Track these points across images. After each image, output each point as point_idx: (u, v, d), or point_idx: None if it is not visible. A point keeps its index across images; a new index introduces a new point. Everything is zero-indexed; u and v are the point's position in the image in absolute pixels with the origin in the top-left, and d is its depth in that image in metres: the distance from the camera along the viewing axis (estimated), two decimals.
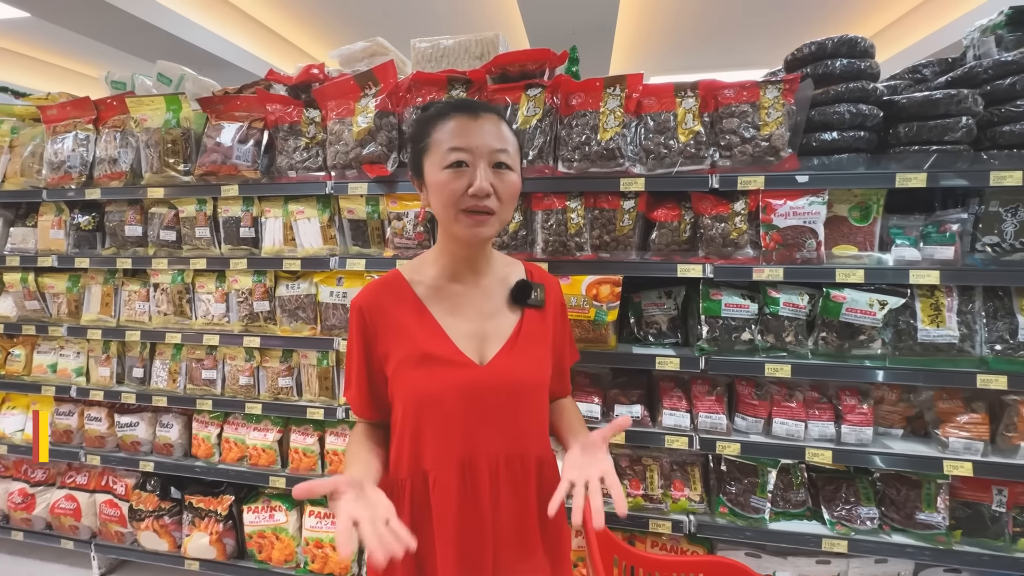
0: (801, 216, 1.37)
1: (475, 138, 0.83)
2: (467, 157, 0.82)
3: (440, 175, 0.83)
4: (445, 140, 0.83)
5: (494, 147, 0.83)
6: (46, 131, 1.95)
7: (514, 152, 0.88)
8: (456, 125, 0.84)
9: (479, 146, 0.82)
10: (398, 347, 0.86)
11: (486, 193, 0.82)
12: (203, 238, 1.79)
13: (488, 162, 0.83)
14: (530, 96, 1.53)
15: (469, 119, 0.84)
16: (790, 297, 1.42)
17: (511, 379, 0.87)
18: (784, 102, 1.37)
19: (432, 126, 0.86)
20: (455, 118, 0.84)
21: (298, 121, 1.72)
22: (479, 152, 0.82)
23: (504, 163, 0.85)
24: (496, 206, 0.84)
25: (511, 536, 0.87)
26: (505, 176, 0.85)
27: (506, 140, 0.86)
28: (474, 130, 0.83)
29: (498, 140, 0.85)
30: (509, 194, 0.86)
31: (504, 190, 0.85)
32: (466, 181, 0.82)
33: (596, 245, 1.54)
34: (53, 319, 2.01)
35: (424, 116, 0.89)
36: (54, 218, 1.95)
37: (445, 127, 0.84)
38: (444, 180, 0.82)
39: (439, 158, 0.83)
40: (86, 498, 2.08)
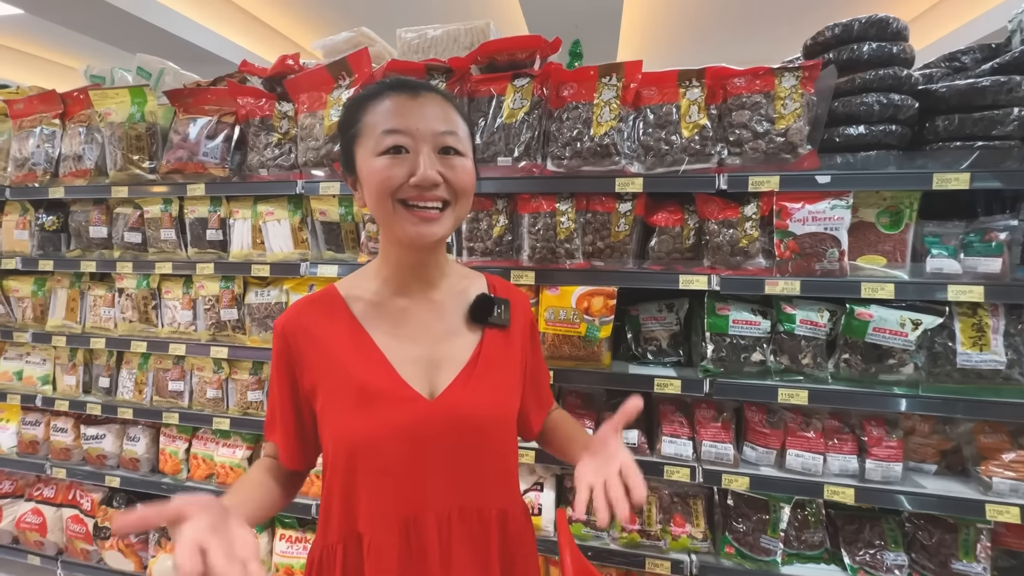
0: (821, 222, 1.20)
1: (415, 119, 0.68)
2: (406, 141, 0.68)
3: (374, 163, 0.68)
4: (379, 122, 0.69)
5: (438, 129, 0.69)
6: (12, 127, 1.86)
7: (465, 136, 0.74)
8: (392, 105, 0.69)
9: (420, 128, 0.68)
10: (327, 379, 0.72)
11: (432, 182, 0.67)
12: (168, 240, 1.67)
13: (433, 146, 0.69)
14: (517, 87, 1.38)
15: (407, 98, 0.70)
16: (808, 314, 1.25)
17: (467, 415, 0.72)
18: (803, 92, 1.20)
19: (363, 109, 0.71)
20: (390, 97, 0.70)
21: (270, 115, 1.59)
22: (421, 135, 0.68)
23: (453, 147, 0.71)
24: (448, 196, 0.70)
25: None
26: (455, 162, 0.71)
27: (454, 122, 0.72)
28: (414, 110, 0.69)
29: (443, 121, 0.70)
30: (462, 184, 0.71)
31: (456, 179, 0.70)
32: (407, 169, 0.67)
33: (589, 252, 1.38)
34: (18, 324, 1.91)
35: (354, 98, 0.75)
36: (19, 218, 1.85)
37: (379, 108, 0.70)
38: (379, 168, 0.67)
39: (372, 144, 0.69)
40: (52, 512, 1.98)
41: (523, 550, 0.80)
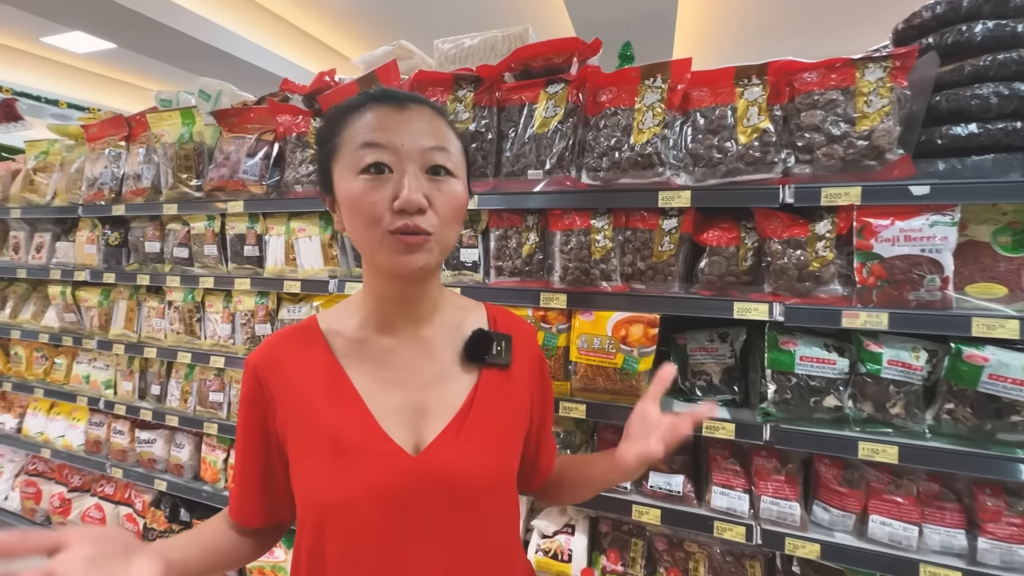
0: (917, 242, 0.98)
1: (400, 133, 0.60)
2: (390, 158, 0.59)
3: (353, 184, 0.60)
4: (359, 136, 0.60)
5: (426, 145, 0.60)
6: (88, 149, 2.01)
7: (457, 154, 0.65)
8: (374, 117, 0.61)
9: (405, 144, 0.59)
10: (298, 426, 0.64)
11: (418, 206, 0.58)
12: (211, 255, 1.72)
13: (420, 165, 0.60)
14: (550, 93, 1.28)
15: (392, 110, 0.61)
16: (899, 353, 1.03)
17: (456, 474, 0.62)
18: (892, 85, 0.99)
19: (342, 121, 0.63)
20: (373, 109, 0.62)
21: (305, 132, 1.59)
22: (406, 151, 0.59)
23: (442, 166, 0.62)
24: (433, 224, 0.61)
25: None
26: (444, 184, 0.62)
27: (444, 137, 0.63)
28: (399, 124, 0.60)
29: (432, 136, 0.61)
30: (451, 208, 0.62)
31: (444, 202, 0.61)
32: (390, 191, 0.59)
33: (628, 274, 1.24)
34: (87, 332, 2.06)
35: (333, 111, 0.67)
36: (89, 233, 1.99)
37: (360, 121, 0.62)
38: (359, 190, 0.59)
39: (351, 161, 0.61)
40: (111, 509, 2.10)
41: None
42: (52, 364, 2.21)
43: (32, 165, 2.10)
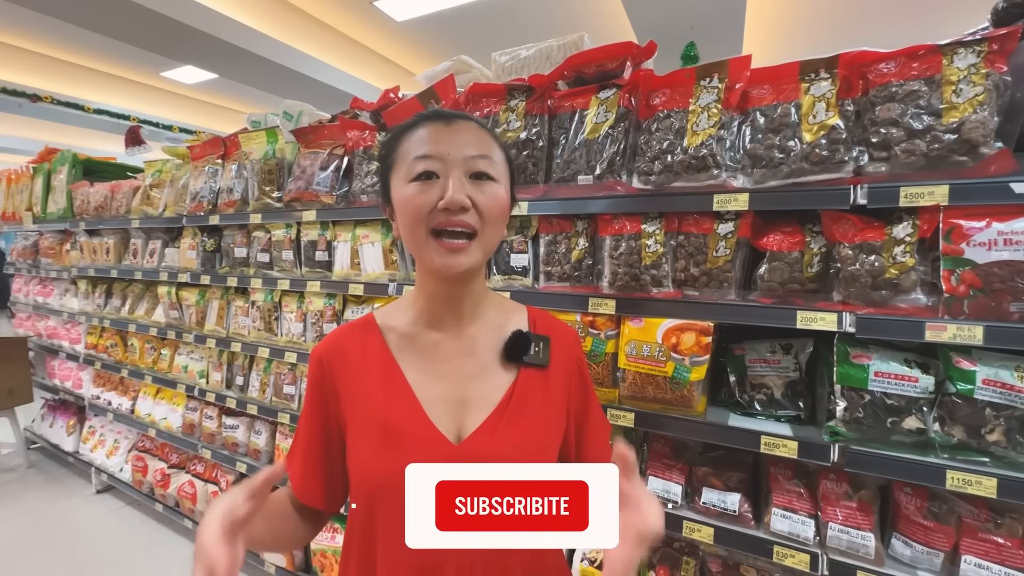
0: (1020, 246, 0.87)
1: (447, 144, 0.65)
2: (437, 166, 0.64)
3: (405, 190, 0.66)
4: (412, 150, 0.66)
5: (469, 153, 0.65)
6: (192, 167, 2.30)
7: (500, 162, 0.69)
8: (426, 132, 0.67)
9: (451, 153, 0.64)
10: (356, 412, 0.70)
11: (460, 205, 0.63)
12: (288, 260, 1.89)
13: (464, 171, 0.65)
14: (601, 99, 1.28)
15: (441, 125, 0.67)
16: (997, 372, 0.91)
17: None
18: (988, 71, 0.89)
19: (399, 140, 0.69)
20: (425, 126, 0.67)
21: (371, 145, 1.71)
22: (451, 159, 0.64)
23: (485, 172, 0.66)
24: (476, 224, 0.65)
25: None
26: (486, 187, 0.66)
27: (487, 147, 0.67)
28: (446, 136, 0.66)
29: (476, 146, 0.66)
30: (493, 209, 0.66)
31: (486, 204, 0.65)
32: (436, 193, 0.64)
33: (680, 280, 1.20)
34: (187, 327, 2.33)
35: (392, 130, 0.73)
36: (191, 240, 2.27)
37: (413, 137, 0.67)
38: (410, 194, 0.65)
39: (405, 171, 0.66)
40: (201, 486, 2.35)
41: None
42: (159, 355, 2.53)
43: (149, 182, 2.44)
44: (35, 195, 3.11)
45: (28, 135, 8.03)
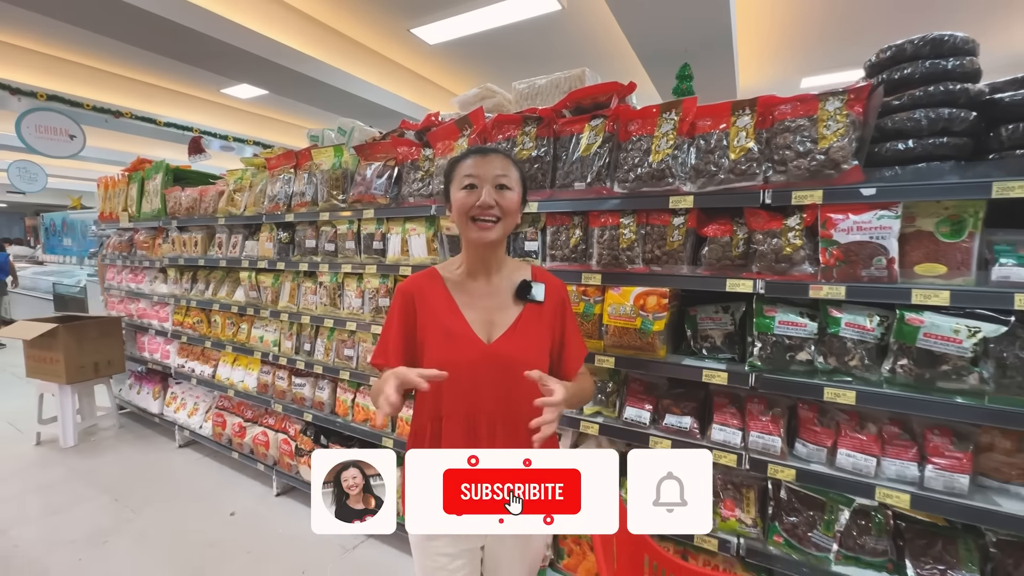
0: (867, 231, 1.28)
1: (482, 168, 1.10)
2: (477, 181, 1.10)
3: (458, 194, 1.12)
4: (463, 171, 1.12)
5: (496, 173, 1.10)
6: (269, 175, 2.84)
7: (515, 179, 1.14)
8: (471, 161, 1.13)
9: (485, 173, 1.10)
10: (429, 322, 1.16)
11: (489, 205, 1.08)
12: (350, 249, 2.39)
13: (492, 184, 1.10)
14: (592, 126, 1.73)
15: (480, 157, 1.13)
16: (855, 318, 1.33)
17: (508, 357, 1.10)
18: (847, 113, 1.31)
19: (456, 165, 1.16)
20: (471, 157, 1.13)
21: (417, 159, 2.20)
22: (485, 178, 1.10)
23: (504, 185, 1.11)
24: (499, 214, 1.10)
25: None
26: (505, 194, 1.11)
27: (508, 169, 1.12)
28: (483, 164, 1.11)
29: (500, 169, 1.11)
30: (509, 206, 1.11)
31: (504, 203, 1.10)
32: (475, 197, 1.09)
33: (648, 259, 1.64)
34: (263, 304, 2.87)
35: (452, 160, 1.20)
36: (268, 234, 2.80)
37: (464, 164, 1.14)
38: (460, 197, 1.11)
39: (458, 183, 1.13)
40: (273, 435, 2.88)
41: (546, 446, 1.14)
42: (238, 328, 3.08)
43: (232, 187, 2.99)
44: (131, 198, 3.73)
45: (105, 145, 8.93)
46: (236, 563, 2.25)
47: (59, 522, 2.57)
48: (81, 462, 3.28)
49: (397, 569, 2.23)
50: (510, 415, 1.11)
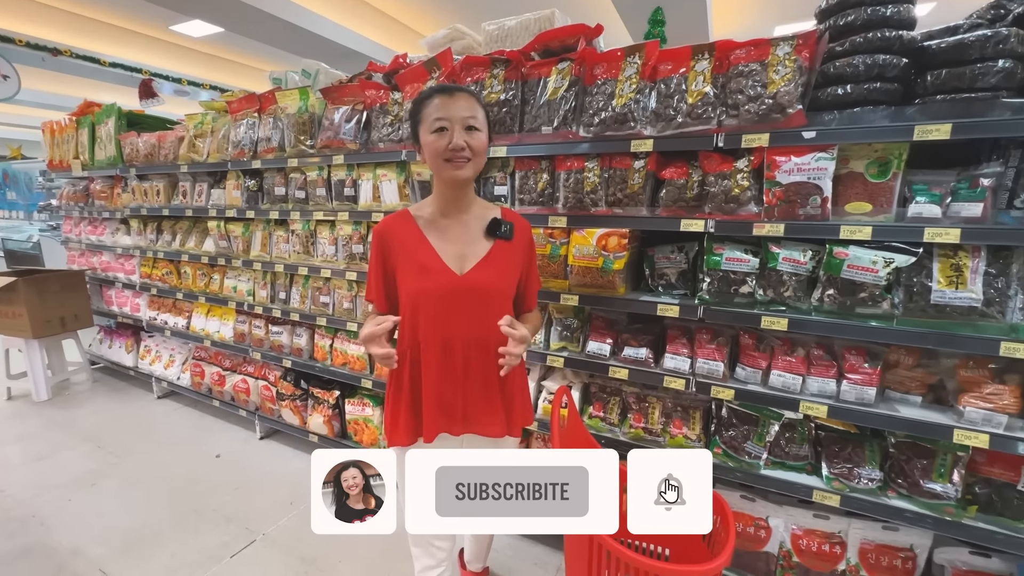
0: (806, 172, 1.39)
1: (451, 110, 1.14)
2: (447, 123, 1.14)
3: (429, 138, 1.16)
4: (432, 113, 1.16)
5: (465, 115, 1.14)
6: (231, 119, 2.74)
7: (482, 119, 1.18)
8: (438, 102, 1.16)
9: (453, 115, 1.14)
10: (404, 260, 1.23)
11: (460, 147, 1.13)
12: (321, 196, 2.39)
13: (461, 126, 1.14)
14: (559, 69, 1.75)
15: (447, 97, 1.16)
16: (791, 253, 1.46)
17: (480, 286, 1.19)
18: (796, 58, 1.38)
19: (422, 105, 1.19)
20: (438, 97, 1.16)
21: (386, 102, 2.18)
22: (454, 119, 1.14)
23: (473, 126, 1.16)
24: (470, 155, 1.16)
25: (476, 392, 1.22)
26: (475, 135, 1.16)
27: (475, 109, 1.16)
28: (450, 104, 1.15)
29: (468, 110, 1.15)
30: (479, 147, 1.17)
31: (475, 144, 1.16)
32: (447, 139, 1.14)
33: (610, 202, 1.72)
34: (234, 254, 2.86)
35: (417, 99, 1.22)
36: (235, 182, 2.75)
37: (431, 104, 1.17)
38: (432, 140, 1.16)
39: (428, 126, 1.16)
40: (253, 382, 2.96)
41: (513, 370, 1.26)
42: (210, 279, 3.07)
43: (192, 132, 2.88)
44: (82, 144, 3.53)
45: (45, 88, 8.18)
46: (225, 497, 2.39)
47: (44, 468, 2.64)
48: (58, 413, 3.30)
49: None
50: (482, 340, 1.21)
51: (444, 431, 1.23)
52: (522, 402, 1.33)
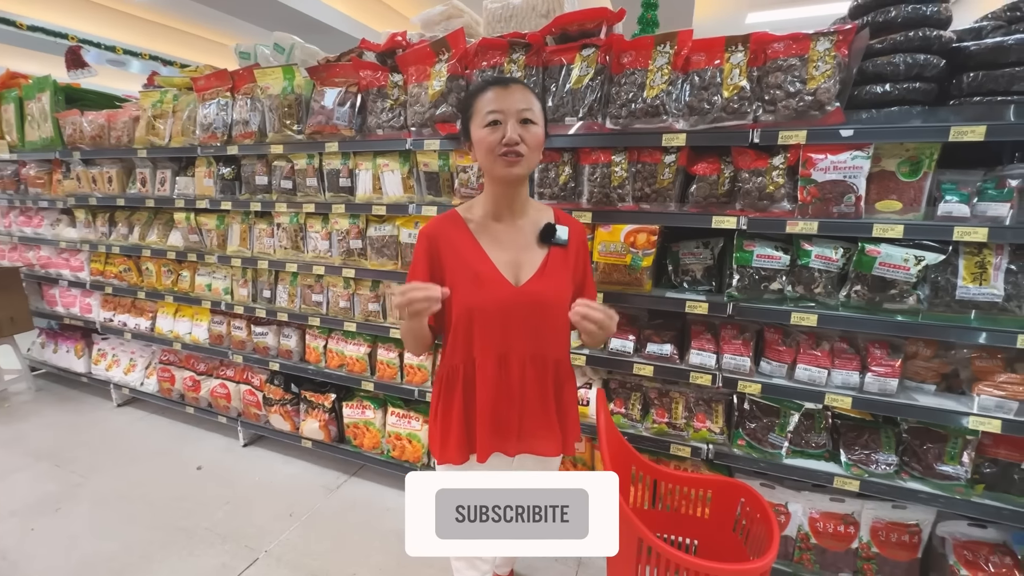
0: (842, 171, 1.40)
1: (505, 102, 1.05)
2: (500, 117, 1.05)
3: (481, 132, 1.07)
4: (484, 107, 1.06)
5: (520, 107, 1.06)
6: (197, 98, 2.45)
7: (538, 111, 1.09)
8: (492, 95, 1.06)
9: (508, 108, 1.05)
10: (456, 267, 1.13)
11: (515, 142, 1.04)
12: (312, 187, 2.20)
13: (516, 119, 1.05)
14: (584, 56, 1.66)
15: (501, 89, 1.07)
16: (823, 250, 1.48)
17: (538, 299, 1.12)
18: (836, 54, 1.37)
19: (475, 99, 1.09)
20: (491, 90, 1.07)
21: (384, 85, 2.00)
22: (509, 112, 1.05)
23: (529, 119, 1.07)
24: (525, 151, 1.07)
25: (533, 409, 1.15)
26: (530, 128, 1.07)
27: (530, 102, 1.08)
28: (505, 97, 1.05)
29: (524, 102, 1.06)
30: (534, 142, 1.08)
31: (530, 139, 1.07)
32: (500, 133, 1.05)
33: (637, 197, 1.68)
34: (208, 249, 2.60)
35: (469, 92, 1.13)
36: (206, 169, 2.48)
37: (484, 98, 1.07)
38: (484, 135, 1.06)
39: (480, 120, 1.07)
40: (233, 387, 2.74)
41: (568, 385, 1.22)
42: (178, 276, 2.79)
43: (151, 112, 2.56)
44: (7, 122, 3.07)
45: None
46: (216, 514, 2.22)
47: None
48: (1, 430, 2.94)
49: (382, 499, 2.31)
50: (538, 355, 1.15)
51: (498, 450, 1.17)
52: (574, 417, 1.28)
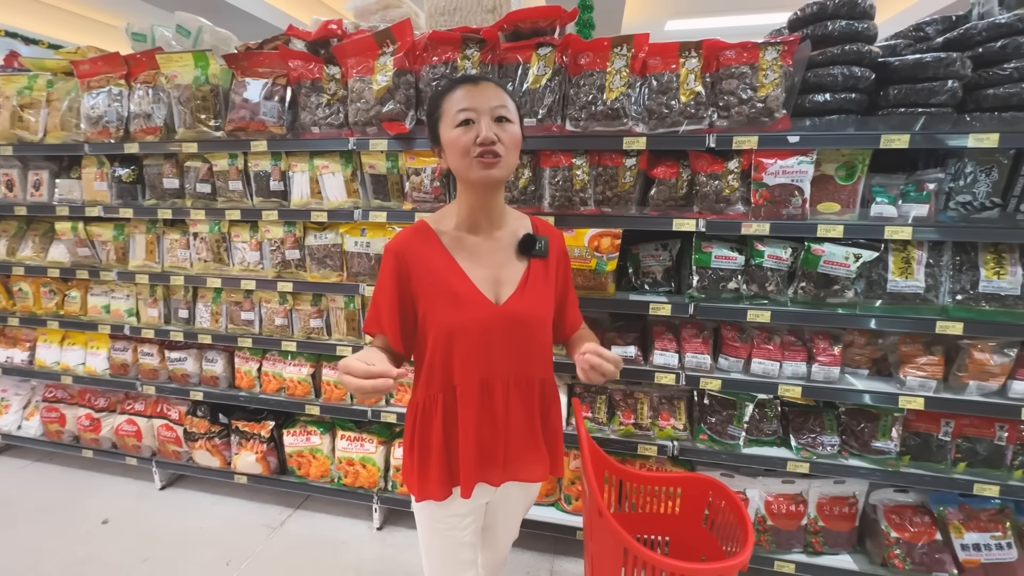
0: (790, 175, 1.48)
1: (477, 100, 0.96)
2: (473, 115, 0.96)
3: (452, 133, 0.97)
4: (454, 106, 0.97)
5: (494, 104, 0.97)
6: (80, 86, 2.06)
7: (513, 109, 1.02)
8: (462, 92, 0.97)
9: (480, 105, 0.96)
10: (430, 286, 1.02)
11: (491, 140, 0.95)
12: (236, 191, 1.93)
13: (490, 117, 0.97)
14: (540, 55, 1.60)
15: (471, 86, 0.98)
16: (774, 250, 1.56)
17: (521, 317, 1.04)
18: (782, 64, 1.44)
19: (442, 99, 0.99)
20: (461, 88, 0.98)
21: (319, 78, 1.81)
22: (481, 110, 0.96)
23: (504, 116, 0.98)
24: (502, 151, 0.97)
25: (519, 435, 1.07)
26: (507, 127, 0.99)
27: (504, 98, 0.99)
28: (476, 93, 0.97)
29: (497, 99, 0.98)
30: (512, 141, 1.00)
31: (507, 138, 0.98)
32: (474, 133, 0.95)
33: (599, 200, 1.66)
34: (103, 264, 2.21)
35: (436, 92, 1.02)
36: (96, 170, 2.09)
37: (453, 96, 0.97)
38: (456, 136, 0.96)
39: (450, 121, 0.97)
40: (145, 422, 2.37)
41: (554, 406, 1.16)
42: (64, 297, 2.34)
43: (17, 101, 2.11)
44: None
45: None
46: (134, 575, 1.89)
47: None
48: None
49: (334, 532, 2.12)
50: (522, 377, 1.07)
51: (483, 481, 1.08)
52: (560, 438, 1.22)
